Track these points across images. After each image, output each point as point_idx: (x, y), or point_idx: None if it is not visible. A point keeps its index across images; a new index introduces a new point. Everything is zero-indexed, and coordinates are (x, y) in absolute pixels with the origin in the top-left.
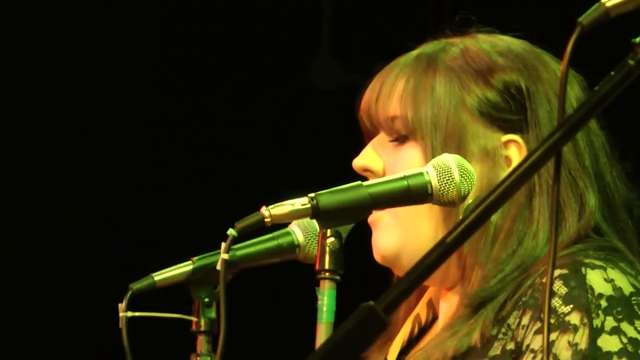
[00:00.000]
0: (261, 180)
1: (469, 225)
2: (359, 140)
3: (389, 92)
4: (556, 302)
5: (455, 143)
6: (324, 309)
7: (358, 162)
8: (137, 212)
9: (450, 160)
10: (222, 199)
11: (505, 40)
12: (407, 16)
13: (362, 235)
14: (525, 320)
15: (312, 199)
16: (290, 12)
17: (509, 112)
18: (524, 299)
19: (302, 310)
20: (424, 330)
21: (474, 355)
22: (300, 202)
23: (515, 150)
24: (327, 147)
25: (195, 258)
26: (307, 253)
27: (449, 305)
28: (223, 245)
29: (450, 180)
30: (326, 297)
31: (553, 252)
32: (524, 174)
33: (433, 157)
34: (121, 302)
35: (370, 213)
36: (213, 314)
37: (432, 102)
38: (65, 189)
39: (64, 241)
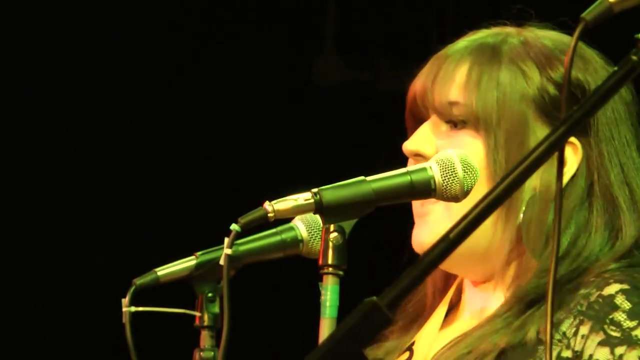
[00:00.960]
0: (264, 175)
1: (472, 220)
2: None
3: (449, 77)
4: (620, 316)
5: (519, 138)
6: (327, 304)
7: (410, 146)
8: (140, 207)
9: (453, 155)
10: (226, 194)
11: (564, 36)
12: (411, 13)
13: (366, 230)
14: (584, 330)
15: (315, 194)
16: (295, 9)
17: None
18: (579, 308)
19: (306, 305)
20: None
21: (523, 353)
22: (303, 197)
23: (570, 152)
24: (330, 143)
25: (199, 253)
26: (310, 248)
27: (482, 297)
28: (226, 240)
29: (454, 175)
30: (329, 293)
31: (556, 252)
32: (528, 170)
33: (496, 148)
34: (124, 297)
35: (374, 208)
36: (216, 309)
37: (498, 93)
38: (68, 183)
39: (67, 237)
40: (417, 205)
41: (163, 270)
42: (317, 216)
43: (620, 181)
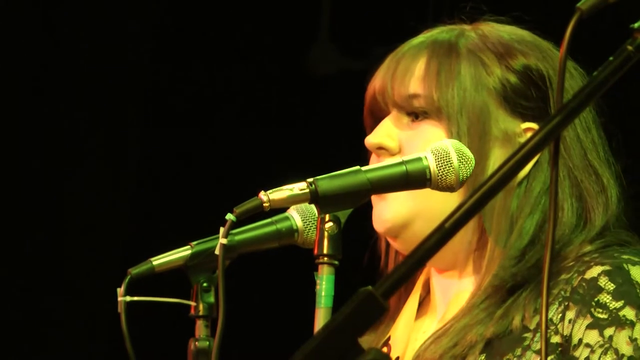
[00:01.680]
0: (260, 165)
1: (467, 210)
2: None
3: (407, 71)
4: (605, 297)
5: (480, 126)
6: (323, 293)
7: (372, 140)
8: (135, 197)
9: (448, 145)
10: (221, 184)
11: (518, 30)
12: (407, 1)
13: (361, 220)
14: (571, 315)
15: (310, 184)
16: None
17: (529, 99)
18: (563, 294)
19: (301, 295)
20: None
21: (510, 342)
22: (298, 187)
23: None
24: (326, 132)
25: (194, 243)
26: (305, 238)
27: (451, 284)
28: (221, 230)
29: (449, 165)
30: (324, 282)
31: (552, 238)
32: (523, 159)
33: (459, 138)
34: (120, 286)
35: (369, 198)
36: (212, 299)
37: (458, 84)
38: (64, 175)
39: (63, 228)
40: None
41: (158, 260)
42: (313, 206)
43: (584, 165)
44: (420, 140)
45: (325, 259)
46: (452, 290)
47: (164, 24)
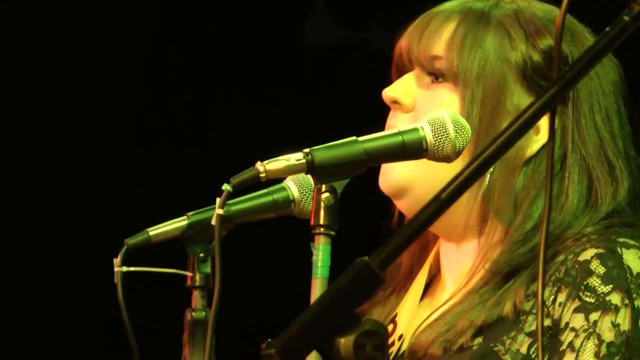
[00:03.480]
0: (256, 135)
1: (463, 181)
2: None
3: (435, 32)
4: (595, 281)
5: (495, 98)
6: (319, 264)
7: (389, 93)
8: (132, 167)
9: (445, 115)
10: (218, 155)
11: (555, 10)
12: None
13: (357, 190)
14: (561, 298)
15: (307, 154)
16: None
17: (548, 80)
18: (557, 275)
19: (297, 265)
20: (427, 284)
21: (504, 327)
22: (295, 158)
23: (544, 120)
24: (322, 103)
25: (190, 213)
26: (302, 208)
27: (458, 260)
28: (218, 200)
29: (445, 135)
30: (321, 253)
31: (547, 221)
32: (520, 129)
33: (471, 106)
34: (116, 257)
35: (365, 168)
36: (208, 269)
37: (480, 54)
38: (61, 148)
39: (59, 200)
40: None
41: (155, 230)
42: (309, 176)
43: (597, 154)
44: (434, 103)
45: (322, 229)
46: (459, 267)
47: None
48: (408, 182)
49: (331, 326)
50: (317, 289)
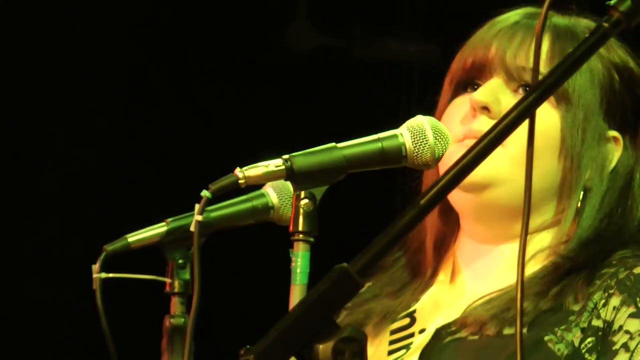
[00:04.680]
0: (236, 141)
1: (442, 188)
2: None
3: (528, 44)
4: None
5: (594, 120)
6: (298, 270)
7: (481, 97)
8: (111, 174)
9: (424, 122)
10: (197, 161)
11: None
12: None
13: (337, 197)
14: (615, 302)
15: (286, 160)
16: None
17: (621, 106)
18: (608, 282)
19: (276, 272)
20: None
21: (557, 318)
22: (274, 164)
23: (613, 147)
24: (302, 109)
25: (170, 219)
26: (281, 215)
27: (488, 259)
28: (197, 206)
29: (425, 142)
30: (300, 259)
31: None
32: (500, 136)
33: (574, 126)
34: (95, 263)
35: (345, 175)
36: (187, 276)
37: (587, 74)
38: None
39: (38, 205)
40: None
41: (134, 237)
42: (288, 183)
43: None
44: None
45: (301, 235)
46: (489, 264)
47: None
48: (500, 177)
49: (310, 332)
50: (296, 295)
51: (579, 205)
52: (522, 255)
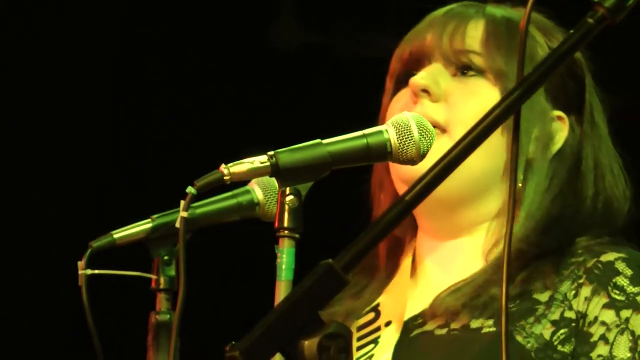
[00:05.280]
0: (222, 138)
1: (427, 183)
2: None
3: (462, 29)
4: (623, 281)
5: (531, 101)
6: (283, 266)
7: (420, 80)
8: (97, 170)
9: (409, 118)
10: (182, 157)
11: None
12: None
13: (322, 193)
14: (586, 293)
15: (271, 156)
16: None
17: (563, 88)
18: (576, 272)
19: (261, 268)
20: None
21: (524, 310)
22: (259, 160)
23: (558, 126)
24: (288, 106)
25: (155, 216)
26: (266, 211)
27: (448, 253)
28: (182, 203)
29: (410, 138)
30: (285, 255)
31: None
32: (484, 132)
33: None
34: (80, 259)
35: (330, 171)
36: (172, 272)
37: (527, 61)
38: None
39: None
40: None
41: (119, 233)
42: (274, 179)
43: (606, 163)
44: (471, 94)
45: (286, 232)
46: (450, 258)
47: None
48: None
49: (295, 328)
50: (281, 291)
51: (521, 180)
52: (507, 246)
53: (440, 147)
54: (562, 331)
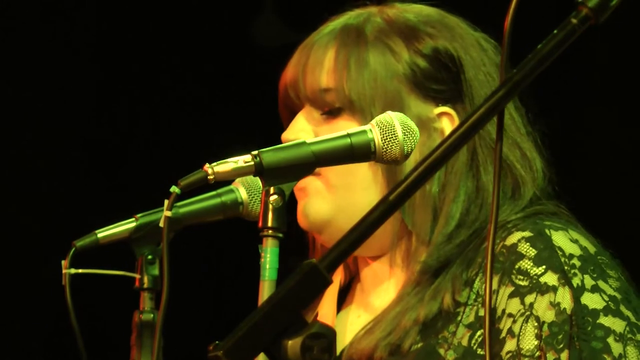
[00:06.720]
0: (205, 137)
1: (411, 183)
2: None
3: (318, 64)
4: (526, 264)
5: (400, 109)
6: (267, 266)
7: (290, 136)
8: (80, 169)
9: (393, 117)
10: (166, 157)
11: (425, 9)
12: None
13: None
14: (494, 285)
15: (255, 156)
16: None
17: (441, 82)
18: (485, 260)
19: (245, 267)
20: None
21: (444, 321)
22: (243, 160)
23: (447, 122)
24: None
25: (139, 215)
26: (250, 210)
27: (379, 273)
28: (166, 202)
29: (394, 138)
30: (269, 255)
31: (495, 212)
32: (467, 133)
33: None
34: (64, 259)
35: (313, 171)
36: (156, 271)
37: (368, 74)
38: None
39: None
40: None
41: (103, 232)
42: (258, 178)
43: (508, 143)
44: None
45: (270, 231)
46: (382, 281)
47: None
48: (327, 216)
49: (279, 328)
50: (265, 291)
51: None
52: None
53: (315, 190)
54: (479, 333)
